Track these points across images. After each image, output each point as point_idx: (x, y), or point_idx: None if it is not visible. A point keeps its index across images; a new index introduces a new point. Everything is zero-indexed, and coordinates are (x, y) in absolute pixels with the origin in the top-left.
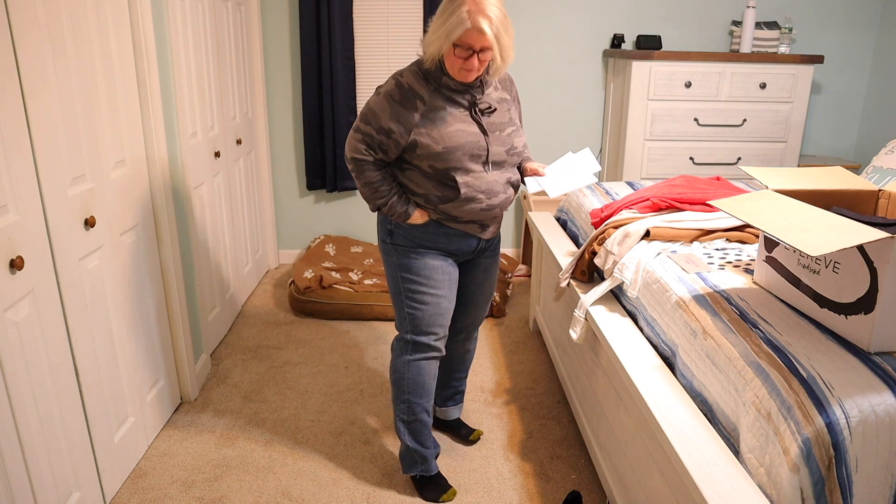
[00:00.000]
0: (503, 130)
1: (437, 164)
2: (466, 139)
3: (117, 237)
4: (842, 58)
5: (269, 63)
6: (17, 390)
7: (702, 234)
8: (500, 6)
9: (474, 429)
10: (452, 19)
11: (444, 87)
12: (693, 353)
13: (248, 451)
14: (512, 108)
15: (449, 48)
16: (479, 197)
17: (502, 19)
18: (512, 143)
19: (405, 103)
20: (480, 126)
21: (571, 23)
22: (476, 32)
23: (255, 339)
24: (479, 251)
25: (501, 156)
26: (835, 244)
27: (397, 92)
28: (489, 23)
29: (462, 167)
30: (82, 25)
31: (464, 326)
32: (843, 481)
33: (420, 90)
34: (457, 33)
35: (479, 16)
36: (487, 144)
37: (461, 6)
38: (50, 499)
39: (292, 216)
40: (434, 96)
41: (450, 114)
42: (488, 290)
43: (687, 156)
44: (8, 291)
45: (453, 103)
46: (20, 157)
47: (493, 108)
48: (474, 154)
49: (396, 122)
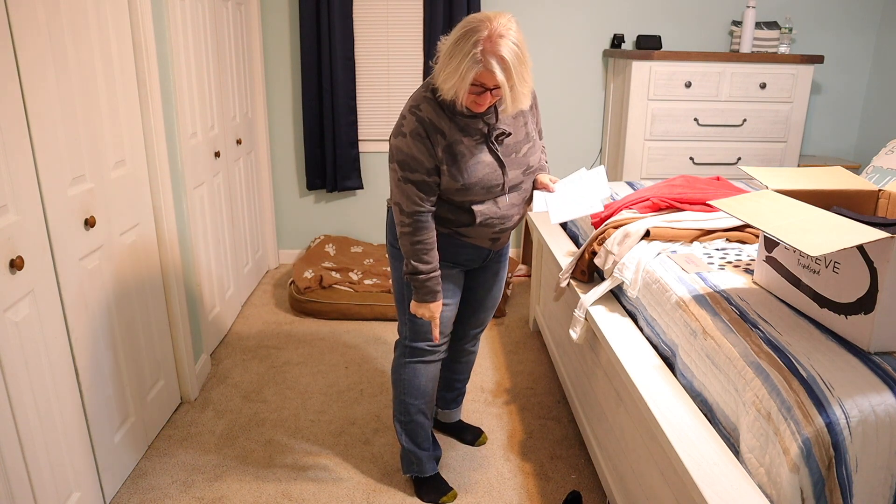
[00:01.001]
0: (519, 151)
1: (454, 197)
2: (485, 172)
3: (117, 237)
4: (842, 58)
5: (269, 63)
6: (17, 390)
7: (702, 234)
8: (517, 46)
9: (480, 432)
10: (467, 61)
11: (458, 114)
12: (693, 353)
13: (248, 451)
14: (529, 120)
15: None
16: (493, 222)
17: (518, 62)
18: (528, 163)
19: (431, 137)
20: (496, 156)
21: (571, 23)
22: (488, 74)
23: (255, 339)
24: (491, 259)
25: (518, 178)
26: (835, 244)
27: (421, 128)
28: (502, 66)
29: (478, 198)
30: (82, 25)
31: (471, 330)
32: (843, 481)
33: (440, 123)
34: (471, 76)
35: (492, 57)
36: (504, 172)
37: (476, 45)
38: (50, 499)
39: (292, 216)
40: (452, 128)
41: (467, 147)
42: (497, 294)
43: (687, 156)
44: (8, 291)
45: (468, 132)
46: (20, 157)
47: (507, 133)
48: (492, 185)
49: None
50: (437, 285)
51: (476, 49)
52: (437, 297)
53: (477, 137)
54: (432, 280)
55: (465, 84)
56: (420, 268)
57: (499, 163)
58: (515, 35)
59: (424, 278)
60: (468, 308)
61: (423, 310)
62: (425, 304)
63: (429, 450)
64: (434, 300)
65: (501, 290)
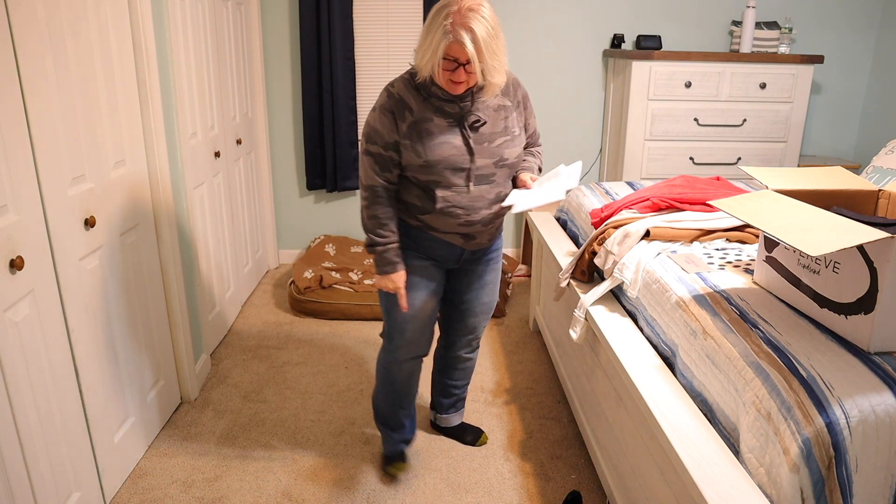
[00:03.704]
0: (492, 142)
1: (419, 175)
2: (449, 153)
3: (117, 237)
4: (842, 58)
5: (269, 63)
6: (17, 390)
7: (702, 234)
8: (488, 21)
9: (481, 432)
10: (437, 33)
11: (433, 96)
12: (693, 353)
13: (248, 451)
14: (511, 115)
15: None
16: (456, 212)
17: (488, 37)
18: (501, 155)
19: (397, 112)
20: (466, 140)
21: (571, 23)
22: (458, 45)
23: (255, 339)
24: (467, 260)
25: (489, 169)
26: (835, 244)
27: (390, 102)
28: (471, 36)
29: (443, 181)
30: (82, 25)
31: (462, 335)
32: (843, 481)
33: (409, 100)
34: (442, 47)
35: (462, 29)
36: (472, 159)
37: (446, 19)
38: (50, 499)
39: (292, 216)
40: (423, 107)
41: (436, 126)
42: (487, 299)
43: (687, 156)
44: (8, 291)
45: (442, 114)
46: (20, 157)
47: (482, 121)
48: (456, 168)
49: (392, 131)
50: (396, 256)
51: (447, 21)
52: (396, 269)
53: (450, 120)
54: (390, 251)
55: (437, 57)
56: (376, 240)
57: (467, 148)
58: (486, 10)
59: (382, 250)
60: (455, 312)
61: (386, 281)
62: (386, 275)
63: (399, 432)
64: (394, 271)
65: (493, 296)
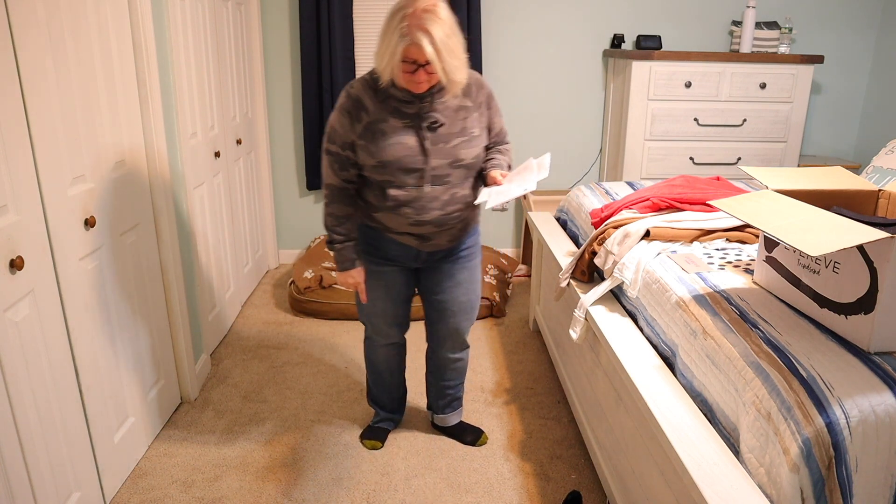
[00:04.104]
0: (448, 142)
1: (374, 175)
2: (402, 153)
3: (117, 237)
4: (842, 58)
5: (269, 63)
6: (17, 390)
7: (702, 234)
8: (444, 21)
9: (480, 432)
10: (394, 36)
11: (391, 97)
12: (693, 353)
13: (248, 451)
14: (471, 116)
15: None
16: (405, 211)
17: (445, 37)
18: (457, 156)
19: (354, 112)
20: (421, 141)
21: (571, 23)
22: (416, 47)
23: (255, 339)
24: (430, 259)
25: (444, 170)
26: (835, 244)
27: (348, 103)
28: (429, 39)
29: (396, 181)
30: (82, 25)
31: (446, 336)
32: (843, 481)
33: (366, 101)
34: (399, 50)
35: (418, 31)
36: (426, 159)
37: (402, 21)
38: (50, 499)
39: (292, 216)
40: (380, 108)
41: (390, 126)
42: (464, 298)
43: (687, 156)
44: (8, 291)
45: (398, 115)
46: (20, 157)
47: (440, 123)
48: (409, 169)
49: (348, 131)
50: (353, 253)
51: (402, 24)
52: (354, 265)
53: (406, 121)
54: (346, 249)
55: (395, 60)
56: (334, 237)
57: (421, 148)
58: (442, 10)
59: (340, 247)
60: (433, 311)
61: (346, 277)
62: (346, 271)
63: (384, 410)
64: (352, 267)
65: (470, 295)
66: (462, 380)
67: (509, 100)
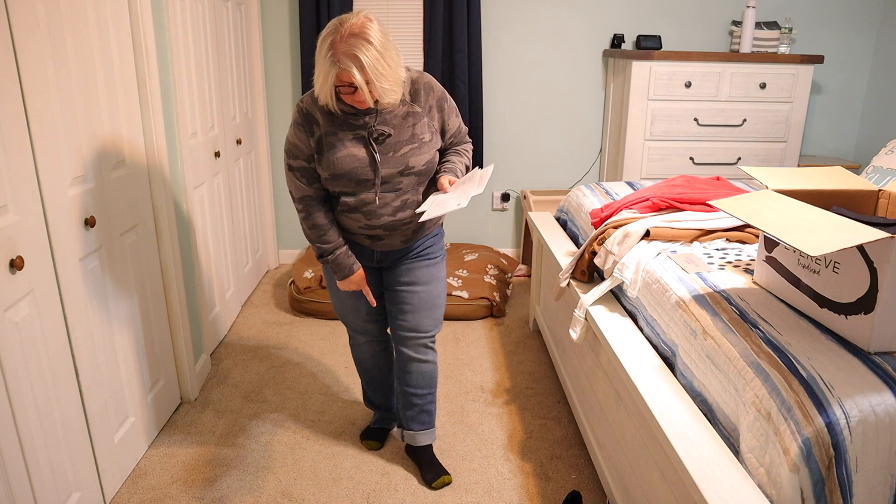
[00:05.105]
0: (398, 151)
1: (329, 186)
2: (353, 165)
3: (117, 237)
4: (842, 58)
5: (269, 63)
6: (17, 390)
7: (702, 234)
8: (373, 45)
9: (445, 473)
10: (326, 63)
11: (340, 111)
12: (693, 353)
13: (248, 451)
14: (420, 122)
15: (330, 89)
16: (356, 216)
17: (374, 61)
18: (407, 164)
19: (306, 127)
20: (371, 153)
21: (571, 23)
22: (346, 73)
23: (255, 339)
24: (386, 259)
25: (394, 178)
26: (835, 244)
27: (300, 118)
28: (357, 64)
29: (349, 190)
30: (82, 25)
31: (405, 334)
32: (843, 481)
33: (317, 115)
34: (332, 77)
35: (346, 58)
36: (377, 168)
37: (331, 48)
38: (50, 499)
39: (292, 216)
40: (329, 121)
41: (340, 140)
42: (423, 294)
43: (687, 156)
44: (8, 291)
45: (347, 127)
46: (20, 157)
47: (387, 134)
48: (361, 179)
49: (307, 146)
50: (348, 257)
51: (331, 51)
52: (353, 269)
53: (356, 132)
54: (341, 256)
55: (328, 86)
56: (324, 248)
57: (371, 160)
58: (372, 32)
59: (332, 257)
60: (393, 307)
61: (348, 284)
62: (347, 279)
63: (380, 409)
64: (352, 272)
65: (430, 294)
66: (431, 391)
67: (509, 100)
